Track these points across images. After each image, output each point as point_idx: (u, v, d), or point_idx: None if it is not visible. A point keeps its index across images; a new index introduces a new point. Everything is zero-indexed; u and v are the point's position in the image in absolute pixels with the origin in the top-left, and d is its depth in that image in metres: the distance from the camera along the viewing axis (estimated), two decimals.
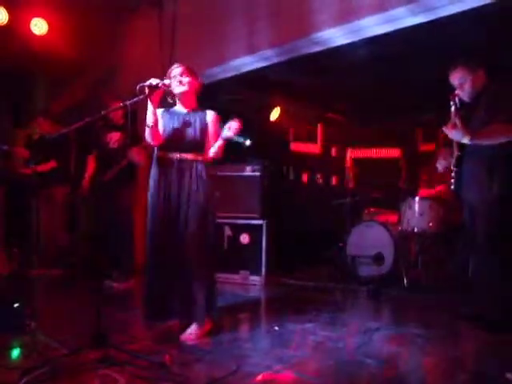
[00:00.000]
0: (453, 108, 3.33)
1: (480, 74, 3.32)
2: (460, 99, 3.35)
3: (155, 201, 3.08)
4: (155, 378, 2.32)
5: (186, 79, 3.14)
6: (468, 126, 3.23)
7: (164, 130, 3.15)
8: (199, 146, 3.14)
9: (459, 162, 3.35)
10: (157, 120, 3.08)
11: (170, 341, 2.94)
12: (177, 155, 3.10)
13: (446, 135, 3.33)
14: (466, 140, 3.18)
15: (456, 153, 3.36)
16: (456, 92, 3.35)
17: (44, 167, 5.26)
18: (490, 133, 3.14)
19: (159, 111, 3.19)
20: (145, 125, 3.05)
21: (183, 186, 3.05)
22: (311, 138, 7.97)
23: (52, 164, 5.26)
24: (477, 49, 3.85)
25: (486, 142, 3.17)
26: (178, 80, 3.12)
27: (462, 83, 3.32)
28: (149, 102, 3.00)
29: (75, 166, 6.47)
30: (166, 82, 3.02)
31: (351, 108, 7.47)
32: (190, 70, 3.18)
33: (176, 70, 3.15)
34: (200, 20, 5.41)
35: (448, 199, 5.05)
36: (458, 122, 3.24)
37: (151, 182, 3.13)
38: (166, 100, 3.23)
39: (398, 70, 5.37)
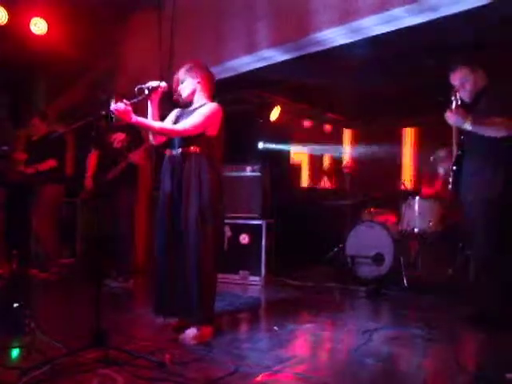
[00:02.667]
0: (454, 104, 3.31)
1: (480, 74, 3.32)
2: (460, 99, 3.35)
3: (160, 199, 3.14)
4: (154, 378, 2.31)
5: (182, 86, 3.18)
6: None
7: None
8: (185, 141, 3.06)
9: (459, 162, 3.35)
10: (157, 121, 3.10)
11: (170, 341, 2.94)
12: (171, 151, 3.12)
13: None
14: (467, 125, 3.14)
15: (456, 152, 3.35)
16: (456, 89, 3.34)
17: (44, 166, 5.25)
18: (491, 123, 3.11)
19: (176, 111, 3.27)
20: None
21: (172, 183, 3.05)
22: None
23: (51, 163, 5.25)
24: (477, 49, 3.86)
25: (486, 132, 3.14)
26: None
27: (462, 83, 3.32)
28: (149, 104, 3.03)
29: (74, 165, 6.47)
30: (163, 84, 3.04)
31: (351, 108, 7.47)
32: (188, 70, 3.18)
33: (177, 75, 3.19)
34: (199, 20, 5.41)
35: (448, 198, 5.05)
36: (459, 109, 3.22)
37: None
38: (165, 101, 3.23)
39: (399, 69, 5.37)
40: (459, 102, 3.30)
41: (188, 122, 3.04)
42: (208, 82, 3.23)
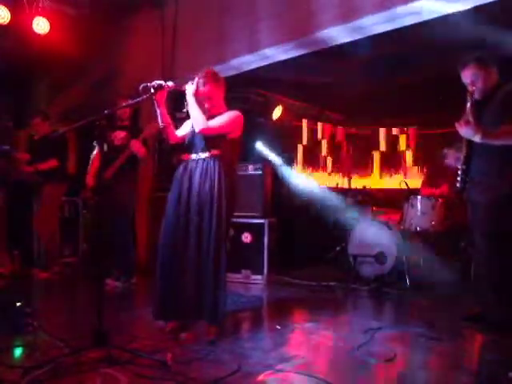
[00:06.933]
0: (469, 104, 3.24)
1: (492, 71, 3.28)
2: (473, 98, 3.31)
3: (169, 201, 3.15)
4: (157, 377, 2.32)
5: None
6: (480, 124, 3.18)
7: (186, 135, 3.24)
8: (209, 144, 3.09)
9: (467, 161, 3.32)
10: (167, 120, 3.14)
11: (172, 340, 2.94)
12: (189, 156, 3.14)
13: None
14: (477, 138, 3.09)
15: (464, 151, 3.32)
16: (471, 88, 3.30)
17: (45, 165, 5.26)
18: (501, 134, 3.08)
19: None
20: (147, 123, 3.09)
21: (192, 185, 3.06)
22: None
23: (53, 163, 5.26)
24: (479, 47, 3.83)
25: (496, 142, 3.12)
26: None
27: (474, 81, 3.26)
28: (155, 104, 3.03)
29: (76, 164, 6.48)
30: (170, 83, 3.02)
31: (351, 107, 7.46)
32: (204, 78, 3.10)
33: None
34: (201, 19, 5.41)
35: (451, 198, 5.04)
36: (471, 118, 3.19)
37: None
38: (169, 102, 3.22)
39: (399, 69, 5.36)
40: (473, 102, 3.26)
41: (217, 121, 3.08)
42: (222, 88, 3.21)
